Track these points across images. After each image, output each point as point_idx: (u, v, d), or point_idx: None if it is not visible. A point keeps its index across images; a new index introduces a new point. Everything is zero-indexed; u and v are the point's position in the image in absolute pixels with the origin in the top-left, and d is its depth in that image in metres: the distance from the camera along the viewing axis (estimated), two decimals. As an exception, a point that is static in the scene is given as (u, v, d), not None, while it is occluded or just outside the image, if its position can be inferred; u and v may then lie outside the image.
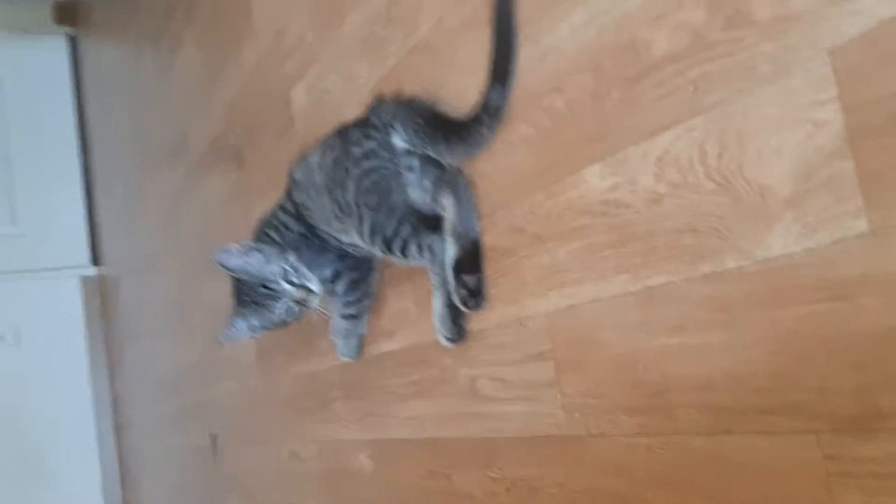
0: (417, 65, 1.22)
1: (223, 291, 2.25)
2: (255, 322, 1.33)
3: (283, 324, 1.34)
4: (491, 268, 1.07)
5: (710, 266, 0.76)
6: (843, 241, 0.65)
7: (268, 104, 1.81)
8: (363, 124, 1.19)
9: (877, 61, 0.61)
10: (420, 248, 1.12)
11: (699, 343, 0.78)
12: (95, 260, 4.19)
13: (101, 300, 4.14)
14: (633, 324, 0.86)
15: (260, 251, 1.29)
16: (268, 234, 1.37)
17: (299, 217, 1.34)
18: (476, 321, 1.11)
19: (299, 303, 1.30)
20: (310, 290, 1.29)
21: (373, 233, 1.16)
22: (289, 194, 1.37)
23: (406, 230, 1.12)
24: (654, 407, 0.84)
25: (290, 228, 1.34)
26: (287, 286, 1.28)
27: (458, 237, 1.08)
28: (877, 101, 0.61)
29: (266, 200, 1.86)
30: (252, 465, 2.14)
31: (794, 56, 0.68)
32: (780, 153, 0.69)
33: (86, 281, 4.17)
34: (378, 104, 1.20)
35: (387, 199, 1.13)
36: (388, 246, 1.15)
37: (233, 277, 1.34)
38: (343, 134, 1.23)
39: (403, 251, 1.13)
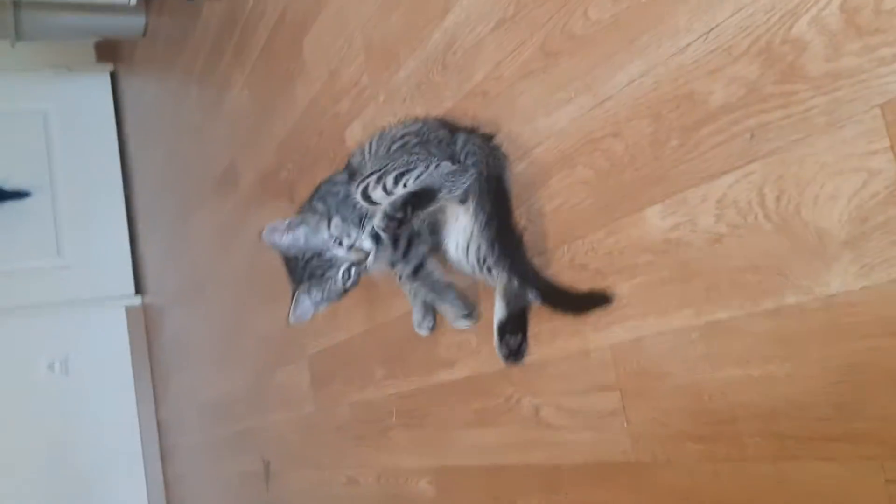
0: (473, 108, 1.29)
1: (274, 320, 2.34)
2: (317, 296, 1.31)
3: (345, 292, 1.32)
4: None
5: (771, 302, 0.82)
6: (899, 280, 0.70)
7: (321, 142, 1.89)
8: (451, 132, 1.25)
9: (927, 116, 0.67)
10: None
11: (763, 374, 0.83)
12: (139, 290, 4.30)
13: (146, 329, 4.25)
14: (697, 356, 0.91)
15: (305, 223, 1.28)
16: (313, 205, 1.34)
17: (351, 180, 1.33)
18: (539, 352, 1.16)
19: (356, 265, 1.29)
20: (363, 250, 1.27)
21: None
22: (347, 164, 1.40)
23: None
24: (720, 434, 0.89)
25: (338, 193, 1.33)
26: (339, 251, 1.27)
27: (509, 301, 1.15)
28: (928, 153, 0.67)
29: (320, 235, 1.94)
30: (306, 490, 2.21)
31: (847, 109, 0.73)
32: (835, 198, 0.75)
33: (130, 311, 4.29)
34: (472, 136, 1.22)
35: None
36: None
37: (284, 257, 1.33)
38: (428, 122, 1.30)
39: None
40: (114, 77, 4.57)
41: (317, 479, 2.12)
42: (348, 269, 1.28)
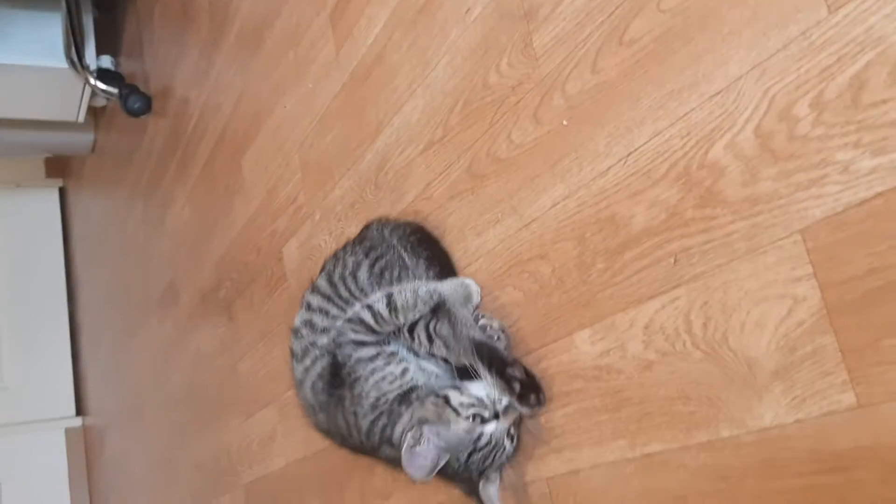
0: (405, 228, 1.26)
1: (209, 445, 2.23)
2: (494, 476, 0.99)
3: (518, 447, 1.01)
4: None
5: (705, 434, 0.77)
6: (832, 413, 0.66)
7: (259, 259, 1.84)
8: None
9: (846, 242, 0.65)
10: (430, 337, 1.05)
11: (701, 513, 0.78)
12: (80, 411, 4.12)
13: (86, 452, 4.05)
14: (633, 491, 0.86)
15: (423, 421, 0.98)
16: (410, 405, 1.04)
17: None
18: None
19: (511, 426, 0.98)
20: (509, 407, 0.97)
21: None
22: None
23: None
24: (660, 578, 0.82)
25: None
26: (491, 427, 0.96)
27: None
28: (850, 280, 0.65)
29: (255, 355, 1.87)
30: None
31: (767, 235, 0.71)
32: (762, 326, 0.72)
33: (70, 432, 4.08)
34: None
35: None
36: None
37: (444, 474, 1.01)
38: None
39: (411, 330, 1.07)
40: (62, 192, 4.52)
41: None
42: (509, 434, 0.98)
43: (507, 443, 0.97)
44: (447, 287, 1.07)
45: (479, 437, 0.95)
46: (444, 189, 1.16)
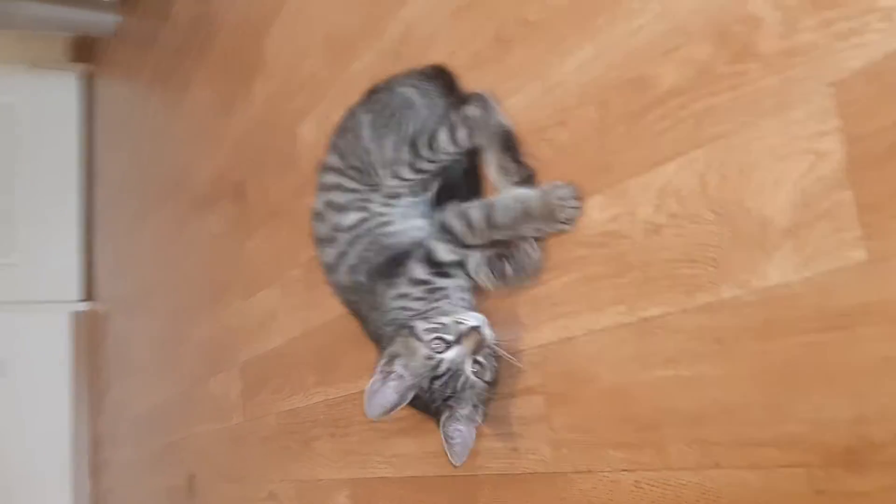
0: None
1: (212, 323, 2.24)
2: (467, 411, 0.97)
3: (492, 384, 0.99)
4: (486, 299, 1.06)
5: (706, 297, 0.76)
6: (841, 270, 0.64)
7: (274, 140, 1.82)
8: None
9: (880, 93, 0.62)
10: (453, 128, 1.04)
11: (693, 375, 0.77)
12: (89, 296, 4.16)
13: (90, 337, 4.10)
14: (626, 356, 0.85)
15: (395, 356, 0.99)
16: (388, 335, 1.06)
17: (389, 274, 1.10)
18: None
19: (477, 352, 0.96)
20: (473, 328, 0.96)
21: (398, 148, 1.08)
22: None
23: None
24: (643, 441, 0.82)
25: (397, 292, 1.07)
26: (450, 354, 0.95)
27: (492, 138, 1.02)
28: (878, 132, 0.62)
29: (263, 234, 1.87)
30: (228, 506, 2.09)
31: (799, 89, 0.69)
32: (780, 184, 0.70)
33: (76, 317, 4.14)
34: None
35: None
36: (415, 149, 1.07)
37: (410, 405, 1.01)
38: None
39: (431, 144, 1.06)
40: (90, 79, 4.49)
41: (239, 494, 2.00)
42: (476, 361, 0.96)
43: (468, 371, 0.95)
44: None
45: (438, 364, 0.95)
46: (467, 58, 1.13)
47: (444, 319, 0.97)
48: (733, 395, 0.73)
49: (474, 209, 1.00)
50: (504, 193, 0.99)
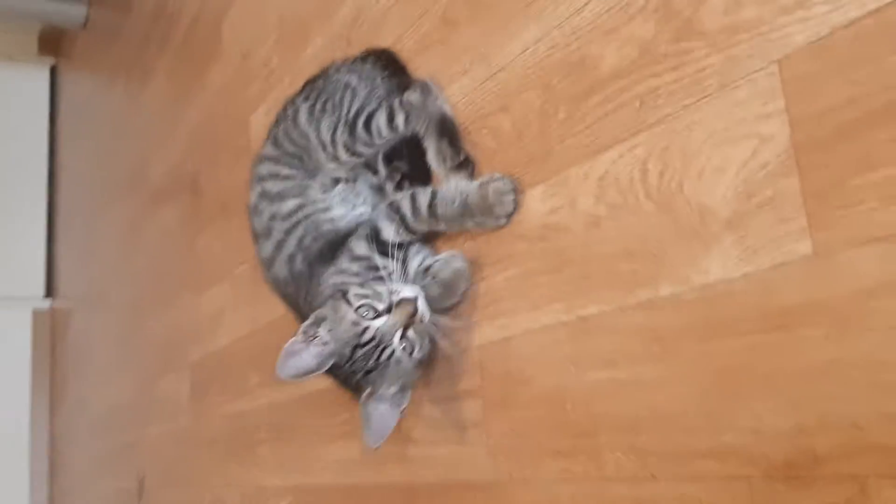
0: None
1: (166, 322, 2.17)
2: (390, 389, 0.91)
3: (421, 364, 0.93)
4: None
5: (645, 294, 0.70)
6: (785, 265, 0.59)
7: (227, 130, 1.76)
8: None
9: (826, 70, 0.57)
10: (392, 112, 0.99)
11: (629, 378, 0.71)
12: (50, 293, 4.06)
13: (51, 334, 4.00)
14: (563, 357, 0.79)
15: (320, 319, 0.92)
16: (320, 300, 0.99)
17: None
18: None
19: (410, 326, 0.89)
20: (407, 300, 0.89)
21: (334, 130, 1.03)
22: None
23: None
24: (579, 449, 0.76)
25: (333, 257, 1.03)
26: (378, 323, 0.89)
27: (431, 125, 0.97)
28: (824, 113, 0.57)
29: (214, 228, 1.80)
30: (175, 511, 2.01)
31: (743, 67, 0.63)
32: (722, 170, 0.64)
33: (37, 314, 4.03)
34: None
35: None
36: (352, 130, 1.02)
37: (327, 374, 0.95)
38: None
39: (369, 126, 1.01)
40: (53, 71, 4.39)
41: (185, 498, 1.93)
42: (405, 336, 0.89)
43: (397, 344, 0.88)
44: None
45: (364, 331, 0.88)
46: (415, 40, 1.07)
47: (379, 287, 0.91)
48: (671, 401, 0.67)
49: (421, 194, 0.94)
50: (448, 183, 0.94)
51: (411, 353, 0.90)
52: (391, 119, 0.99)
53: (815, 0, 0.58)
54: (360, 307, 0.89)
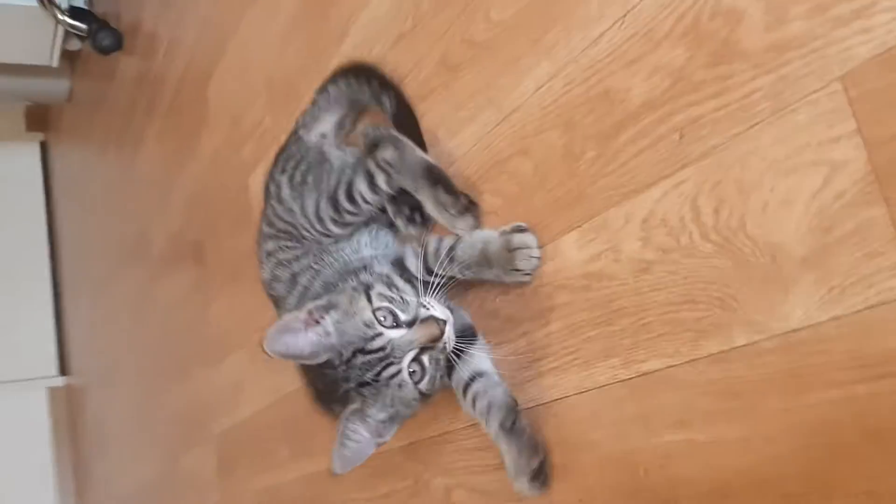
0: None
1: (183, 396, 2.10)
2: (379, 414, 0.82)
3: (423, 400, 0.83)
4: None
5: (715, 344, 0.63)
6: (880, 305, 0.52)
7: (226, 195, 1.70)
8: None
9: (901, 83, 0.50)
10: (371, 176, 0.92)
11: (709, 439, 0.64)
12: (63, 370, 4.00)
13: (69, 411, 3.93)
14: (628, 418, 0.72)
15: (333, 306, 0.82)
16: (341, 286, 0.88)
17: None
18: (445, 421, 0.96)
19: (429, 349, 0.79)
20: (435, 318, 0.79)
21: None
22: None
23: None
24: (659, 520, 0.69)
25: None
26: (395, 333, 0.79)
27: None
28: (906, 131, 0.50)
29: (224, 297, 1.73)
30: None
31: (798, 88, 0.57)
32: (790, 203, 0.57)
33: (53, 392, 3.97)
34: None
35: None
36: (335, 205, 0.95)
37: (306, 370, 0.90)
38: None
39: (351, 197, 0.94)
40: (43, 147, 4.36)
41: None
42: (417, 360, 0.80)
43: (405, 368, 0.79)
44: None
45: (374, 337, 0.79)
46: (415, 87, 1.01)
47: (408, 296, 0.81)
48: (761, 464, 0.60)
49: (448, 238, 0.88)
50: (472, 233, 0.87)
51: (417, 383, 0.80)
52: (371, 182, 0.92)
53: (875, 9, 0.52)
54: (379, 309, 0.80)
